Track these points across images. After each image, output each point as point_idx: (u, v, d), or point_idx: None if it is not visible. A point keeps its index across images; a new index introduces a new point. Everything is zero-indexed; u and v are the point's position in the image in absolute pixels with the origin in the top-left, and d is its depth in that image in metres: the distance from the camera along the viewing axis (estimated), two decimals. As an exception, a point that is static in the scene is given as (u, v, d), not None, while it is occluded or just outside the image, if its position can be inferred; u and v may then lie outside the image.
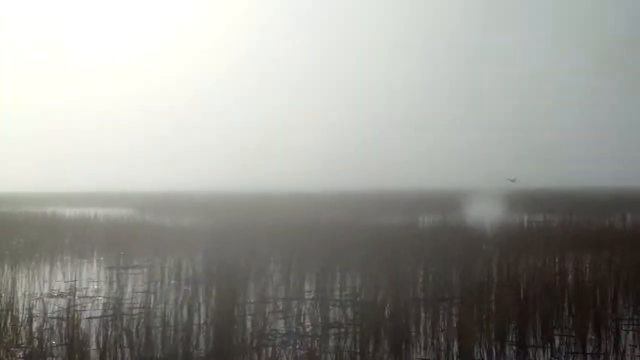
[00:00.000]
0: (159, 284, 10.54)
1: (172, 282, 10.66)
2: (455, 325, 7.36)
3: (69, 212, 39.00)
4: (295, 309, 8.41)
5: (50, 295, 9.52)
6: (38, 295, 9.50)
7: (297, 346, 6.54)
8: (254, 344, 6.47)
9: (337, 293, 9.64)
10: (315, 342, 6.73)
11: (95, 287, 10.36)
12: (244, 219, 27.23)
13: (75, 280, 11.09)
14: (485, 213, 34.13)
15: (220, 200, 58.98)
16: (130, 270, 12.26)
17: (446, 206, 42.72)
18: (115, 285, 10.52)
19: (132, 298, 9.24)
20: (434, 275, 10.84)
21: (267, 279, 10.90)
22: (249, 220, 26.04)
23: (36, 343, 6.40)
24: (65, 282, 10.98)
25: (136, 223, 23.79)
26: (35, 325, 7.36)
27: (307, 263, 12.84)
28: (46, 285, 10.61)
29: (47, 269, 12.75)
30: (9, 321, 7.49)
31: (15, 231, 20.46)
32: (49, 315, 7.90)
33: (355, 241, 15.90)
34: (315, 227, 20.84)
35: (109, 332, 6.99)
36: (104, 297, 9.38)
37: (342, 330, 7.27)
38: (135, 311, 8.25)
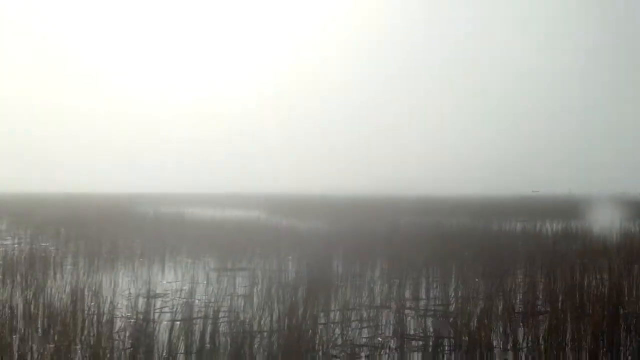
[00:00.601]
0: (256, 287, 10.54)
1: (272, 286, 10.63)
2: (540, 341, 6.94)
3: (197, 212, 40.02)
4: (382, 319, 8.19)
5: (146, 296, 9.68)
6: (130, 295, 9.68)
7: (366, 357, 6.33)
8: (321, 354, 6.31)
9: (431, 302, 9.34)
10: (386, 354, 6.49)
11: (192, 288, 10.47)
12: (365, 222, 27.09)
13: (176, 281, 11.26)
14: (612, 221, 32.58)
15: (350, 203, 59.07)
16: (234, 273, 12.34)
17: (572, 213, 41.09)
18: (212, 287, 10.60)
19: (222, 301, 9.26)
20: (538, 286, 10.35)
21: (364, 286, 10.71)
22: (368, 224, 25.88)
23: (104, 344, 6.47)
24: (166, 282, 11.16)
25: (257, 225, 24.10)
26: (115, 326, 7.47)
27: (410, 270, 12.55)
28: (145, 285, 10.81)
29: (154, 268, 13.02)
30: (94, 321, 7.63)
31: (138, 230, 21.12)
32: (131, 316, 8.01)
33: (467, 247, 15.46)
34: (430, 231, 20.46)
35: (182, 336, 7.01)
36: (196, 299, 9.45)
37: (420, 342, 6.99)
38: (220, 314, 8.25)
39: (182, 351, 6.47)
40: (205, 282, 11.18)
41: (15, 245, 17.39)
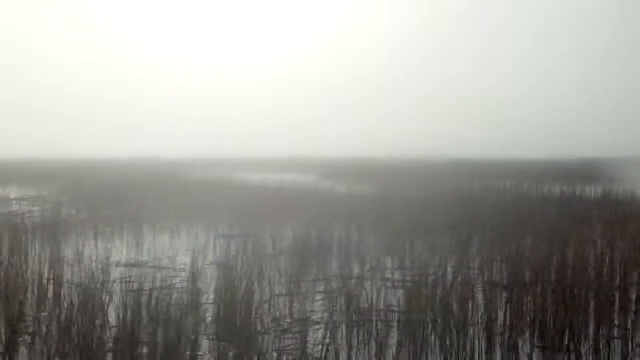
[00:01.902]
0: (232, 255, 10.36)
1: (253, 254, 10.43)
2: (489, 315, 6.57)
3: (248, 177, 40.09)
4: (345, 291, 7.92)
5: (119, 264, 9.59)
6: (104, 263, 9.59)
7: (302, 334, 6.08)
8: (259, 329, 6.08)
9: (412, 272, 9.01)
10: (321, 329, 6.23)
11: (174, 256, 10.35)
12: (408, 187, 26.68)
13: (167, 249, 11.15)
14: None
15: (394, 167, 58.48)
16: (230, 240, 12.18)
17: (613, 177, 39.71)
18: (195, 255, 10.46)
19: (193, 270, 9.10)
20: (530, 256, 9.92)
21: (352, 255, 10.43)
22: (409, 189, 25.48)
23: (39, 312, 6.37)
24: (156, 250, 11.06)
25: (294, 190, 23.92)
26: (61, 295, 7.38)
27: (414, 236, 12.21)
28: (129, 252, 10.73)
29: (163, 235, 12.95)
30: (44, 289, 7.54)
31: (171, 195, 21.16)
32: (86, 285, 7.91)
33: (479, 214, 15.01)
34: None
35: (125, 307, 6.87)
36: (173, 267, 9.32)
37: (365, 316, 6.71)
38: (178, 284, 8.10)
39: (114, 325, 6.33)
40: (193, 250, 11.05)
41: (39, 213, 17.59)
